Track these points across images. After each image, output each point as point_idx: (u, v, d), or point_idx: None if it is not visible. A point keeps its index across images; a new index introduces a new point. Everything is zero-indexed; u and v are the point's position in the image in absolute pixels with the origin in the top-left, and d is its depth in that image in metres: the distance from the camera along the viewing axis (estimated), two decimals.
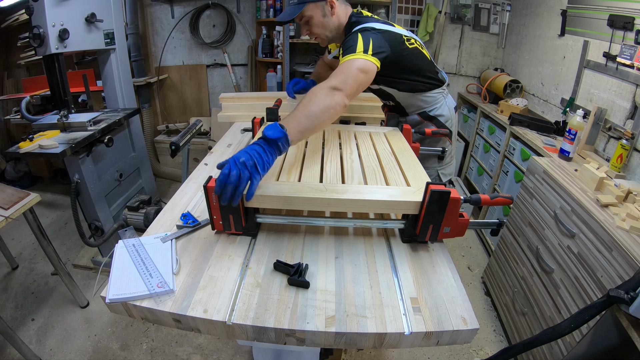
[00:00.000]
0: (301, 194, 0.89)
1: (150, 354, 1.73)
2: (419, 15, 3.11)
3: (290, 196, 0.88)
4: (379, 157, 1.16)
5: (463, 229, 0.92)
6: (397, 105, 1.53)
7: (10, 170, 3.14)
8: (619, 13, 1.77)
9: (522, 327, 1.65)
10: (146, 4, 3.19)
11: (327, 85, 1.05)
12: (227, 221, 0.91)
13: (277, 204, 0.90)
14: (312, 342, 0.71)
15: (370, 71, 1.16)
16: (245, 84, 3.56)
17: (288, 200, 0.88)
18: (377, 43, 1.20)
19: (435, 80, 1.46)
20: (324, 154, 1.18)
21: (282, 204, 0.90)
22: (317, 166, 1.08)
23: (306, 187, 0.92)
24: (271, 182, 0.96)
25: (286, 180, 0.99)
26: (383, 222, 0.95)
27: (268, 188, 0.91)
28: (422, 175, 1.03)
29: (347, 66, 1.12)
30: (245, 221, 0.92)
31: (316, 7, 1.31)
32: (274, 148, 0.87)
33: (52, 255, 1.79)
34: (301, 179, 1.00)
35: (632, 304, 0.91)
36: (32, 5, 1.66)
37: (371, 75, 1.16)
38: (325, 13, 1.33)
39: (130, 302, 0.74)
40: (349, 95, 1.07)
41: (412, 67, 1.38)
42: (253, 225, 0.94)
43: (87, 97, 2.24)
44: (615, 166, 1.65)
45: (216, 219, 0.91)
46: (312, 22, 1.35)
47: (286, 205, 0.91)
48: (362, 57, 1.15)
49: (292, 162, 1.11)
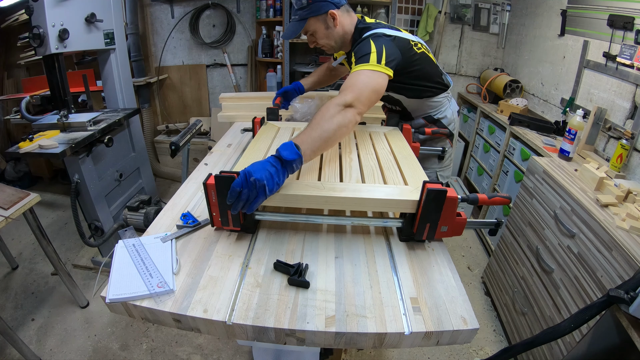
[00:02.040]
0: (299, 191, 0.89)
1: (150, 354, 1.73)
2: (418, 15, 3.11)
3: (288, 194, 0.88)
4: (378, 157, 1.17)
5: (461, 229, 0.92)
6: (403, 110, 1.54)
7: (10, 170, 3.14)
8: (619, 13, 1.77)
9: (522, 327, 1.65)
10: (146, 4, 3.19)
11: (341, 101, 1.02)
12: (226, 217, 0.91)
13: (275, 201, 0.90)
14: (312, 342, 0.71)
15: (384, 85, 1.15)
16: (245, 84, 3.56)
17: (285, 197, 0.89)
18: (389, 51, 1.18)
19: (441, 85, 1.47)
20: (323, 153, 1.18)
21: (280, 202, 0.90)
22: (315, 164, 1.09)
23: (304, 185, 0.93)
24: None
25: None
26: (381, 221, 0.95)
27: None
28: (421, 174, 1.03)
29: (361, 79, 1.10)
30: (244, 218, 0.92)
31: (317, 20, 1.31)
32: (287, 169, 0.88)
33: (52, 255, 1.79)
34: (299, 177, 1.01)
35: (632, 304, 0.91)
36: (32, 5, 1.66)
37: (384, 88, 1.15)
38: (328, 25, 1.32)
39: (130, 302, 0.74)
40: (361, 112, 1.06)
41: (420, 72, 1.38)
42: (252, 223, 0.94)
43: (87, 97, 2.24)
44: (615, 166, 1.65)
45: (215, 216, 0.92)
46: (317, 35, 1.35)
47: (284, 203, 0.91)
48: (377, 70, 1.13)
49: None
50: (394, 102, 1.53)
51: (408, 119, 1.55)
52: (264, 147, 1.20)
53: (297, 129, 1.42)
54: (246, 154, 1.15)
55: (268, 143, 1.25)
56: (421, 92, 1.43)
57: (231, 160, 1.43)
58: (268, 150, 1.19)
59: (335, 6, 1.29)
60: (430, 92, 1.45)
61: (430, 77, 1.42)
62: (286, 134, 1.37)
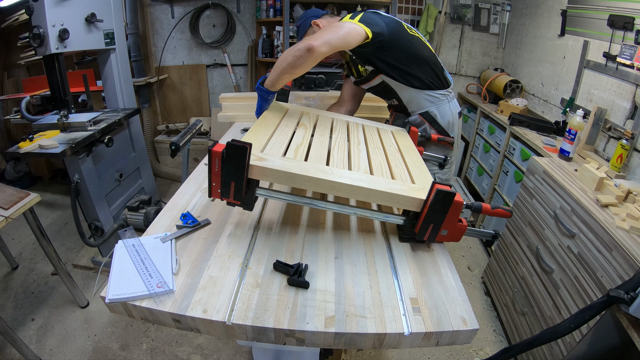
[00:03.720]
0: (307, 172, 0.86)
1: (150, 354, 1.73)
2: (419, 15, 3.11)
3: (296, 173, 0.85)
4: (386, 152, 1.16)
5: (460, 235, 0.92)
6: (399, 103, 1.53)
7: (10, 170, 3.14)
8: (619, 13, 1.77)
9: (522, 327, 1.65)
10: (146, 4, 3.19)
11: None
12: (227, 188, 0.87)
13: (281, 179, 0.87)
14: (312, 343, 0.71)
15: (351, 28, 1.23)
16: (245, 84, 3.56)
17: (292, 177, 0.86)
18: (367, 17, 1.29)
19: (441, 78, 1.46)
20: (331, 141, 1.16)
21: (286, 180, 0.87)
22: (324, 150, 1.06)
23: (312, 167, 0.90)
24: (277, 156, 0.93)
25: (293, 157, 0.96)
26: (384, 215, 0.94)
27: (274, 162, 0.88)
28: (427, 175, 1.03)
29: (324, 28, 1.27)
30: (246, 192, 0.88)
31: (308, 35, 1.49)
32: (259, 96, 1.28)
33: (52, 255, 1.79)
34: (308, 159, 0.97)
35: (632, 304, 0.91)
36: (32, 5, 1.66)
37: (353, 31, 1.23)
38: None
39: (130, 302, 0.74)
40: (317, 39, 1.15)
41: (414, 53, 1.39)
42: (251, 198, 0.90)
43: (87, 97, 2.24)
44: (615, 166, 1.65)
45: (215, 186, 0.88)
46: None
47: (290, 182, 0.88)
48: (346, 21, 1.27)
49: (299, 142, 1.08)
50: (389, 93, 1.51)
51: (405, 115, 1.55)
52: (272, 124, 1.16)
53: (306, 113, 1.38)
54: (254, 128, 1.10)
55: (276, 122, 1.21)
56: (416, 78, 1.42)
57: None
58: (276, 127, 1.15)
59: (315, 17, 1.52)
60: (426, 80, 1.43)
61: (425, 61, 1.41)
62: (295, 116, 1.33)
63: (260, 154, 0.91)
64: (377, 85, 1.50)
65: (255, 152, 0.90)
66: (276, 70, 1.21)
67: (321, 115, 1.38)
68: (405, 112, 1.54)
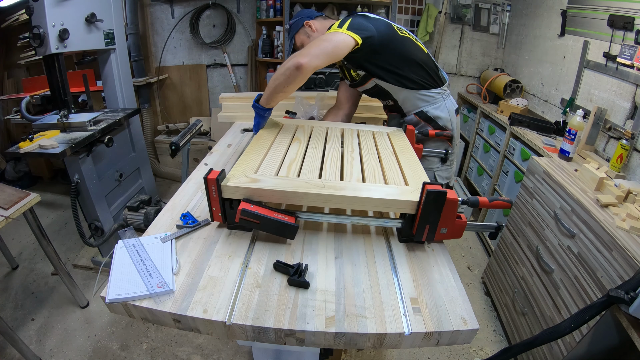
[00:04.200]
0: (299, 189, 0.89)
1: (150, 354, 1.73)
2: (419, 15, 3.11)
3: (288, 191, 0.88)
4: (380, 156, 1.16)
5: (460, 231, 0.92)
6: (395, 104, 1.53)
7: (10, 170, 3.13)
8: (619, 13, 1.77)
9: (522, 327, 1.65)
10: (146, 4, 3.19)
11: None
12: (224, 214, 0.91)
13: (275, 198, 0.90)
14: (312, 343, 0.71)
15: (339, 40, 1.23)
16: (245, 84, 3.56)
17: (285, 194, 0.89)
18: (355, 22, 1.30)
19: (435, 77, 1.45)
20: (325, 152, 1.17)
21: (280, 198, 0.91)
22: (317, 162, 1.09)
23: (304, 183, 0.93)
24: (270, 176, 0.97)
25: (285, 175, 0.99)
26: (382, 221, 0.95)
27: (266, 182, 0.91)
28: (422, 175, 1.03)
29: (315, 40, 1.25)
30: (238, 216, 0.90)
31: (300, 34, 1.52)
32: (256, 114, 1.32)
33: (52, 255, 1.79)
34: (300, 175, 1.00)
35: (632, 304, 0.91)
36: (32, 5, 1.66)
37: (342, 43, 1.23)
38: (308, 34, 1.50)
39: (130, 302, 0.74)
40: (305, 55, 1.16)
41: (406, 55, 1.39)
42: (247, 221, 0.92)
43: (87, 97, 2.24)
44: (615, 166, 1.65)
45: (215, 211, 0.92)
46: (305, 45, 1.45)
47: (284, 200, 0.91)
48: (334, 31, 1.27)
49: (293, 157, 1.11)
50: (384, 95, 1.51)
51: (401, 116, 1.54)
52: (266, 144, 1.20)
53: (301, 126, 1.40)
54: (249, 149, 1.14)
55: (271, 139, 1.24)
56: (408, 79, 1.41)
57: (231, 160, 1.43)
58: (271, 145, 1.19)
59: (309, 18, 1.51)
60: (420, 81, 1.42)
61: (416, 62, 1.40)
62: (289, 131, 1.35)
63: (253, 175, 0.95)
64: (371, 88, 1.50)
65: (249, 174, 0.95)
66: (269, 89, 1.24)
67: (316, 127, 1.41)
68: (400, 112, 1.54)
